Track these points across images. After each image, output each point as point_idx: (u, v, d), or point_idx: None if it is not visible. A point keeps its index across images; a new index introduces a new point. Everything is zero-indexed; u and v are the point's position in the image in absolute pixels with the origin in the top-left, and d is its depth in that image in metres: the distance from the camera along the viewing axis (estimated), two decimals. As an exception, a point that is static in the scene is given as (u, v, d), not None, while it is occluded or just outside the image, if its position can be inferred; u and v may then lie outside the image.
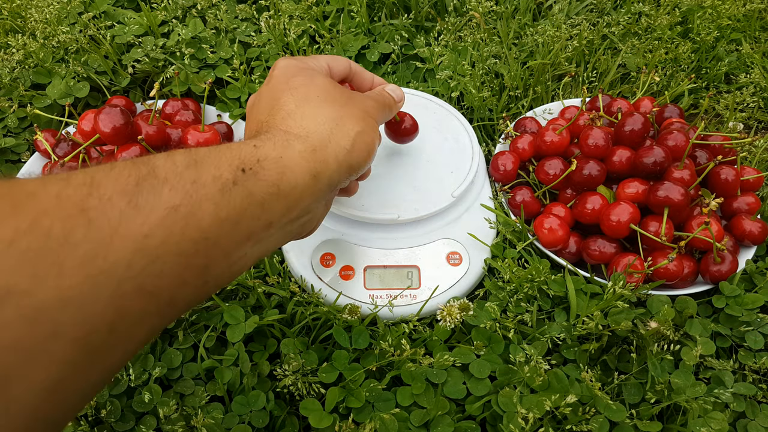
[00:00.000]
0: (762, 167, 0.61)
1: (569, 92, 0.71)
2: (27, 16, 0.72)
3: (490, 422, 0.43)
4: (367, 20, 0.75)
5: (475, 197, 0.56)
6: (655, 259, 0.48)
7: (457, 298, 0.50)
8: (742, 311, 0.47)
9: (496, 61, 0.70)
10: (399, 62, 0.73)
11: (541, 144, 0.56)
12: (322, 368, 0.44)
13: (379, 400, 0.42)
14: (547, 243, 0.52)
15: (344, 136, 0.34)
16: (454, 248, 0.53)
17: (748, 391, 0.43)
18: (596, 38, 0.74)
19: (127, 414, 0.42)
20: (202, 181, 0.25)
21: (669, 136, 0.53)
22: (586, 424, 0.40)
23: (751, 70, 0.72)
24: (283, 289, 0.48)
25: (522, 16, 0.76)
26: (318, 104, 0.35)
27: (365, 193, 0.54)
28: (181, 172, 0.25)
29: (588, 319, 0.45)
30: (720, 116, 0.70)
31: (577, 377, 0.43)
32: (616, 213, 0.49)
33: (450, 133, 0.60)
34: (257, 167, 0.28)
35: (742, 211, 0.53)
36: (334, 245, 0.53)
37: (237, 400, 0.43)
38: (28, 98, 0.65)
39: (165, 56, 0.70)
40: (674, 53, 0.73)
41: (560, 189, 0.56)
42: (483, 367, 0.44)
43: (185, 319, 0.47)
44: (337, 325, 0.46)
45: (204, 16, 0.76)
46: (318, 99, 0.35)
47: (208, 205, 0.25)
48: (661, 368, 0.43)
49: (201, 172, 0.26)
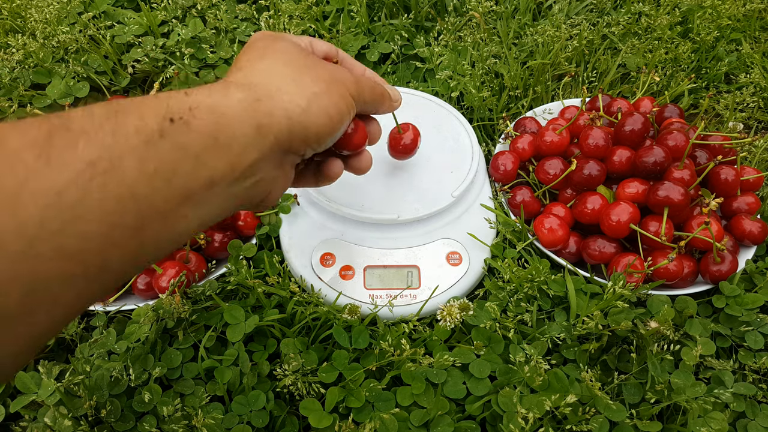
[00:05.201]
0: (762, 167, 0.61)
1: (569, 92, 0.71)
2: (27, 16, 0.72)
3: (490, 422, 0.43)
4: (366, 20, 0.75)
5: (475, 197, 0.56)
6: (655, 259, 0.48)
7: (457, 298, 0.50)
8: (742, 311, 0.47)
9: (496, 61, 0.70)
10: (399, 62, 0.73)
11: (541, 144, 0.56)
12: (322, 368, 0.44)
13: (379, 400, 0.42)
14: (547, 243, 0.52)
15: (298, 93, 0.31)
16: (454, 248, 0.53)
17: (748, 391, 0.43)
18: (596, 38, 0.74)
19: (127, 414, 0.42)
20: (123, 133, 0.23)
21: (669, 136, 0.53)
22: (586, 424, 0.40)
23: (751, 70, 0.72)
24: (283, 289, 0.48)
25: (522, 16, 0.76)
26: (273, 61, 0.32)
27: (365, 193, 0.54)
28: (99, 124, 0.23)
29: (588, 319, 0.45)
30: (720, 116, 0.70)
31: (577, 377, 0.43)
32: (616, 213, 0.49)
33: (450, 133, 0.60)
34: (188, 116, 0.25)
35: (742, 211, 0.53)
36: (334, 245, 0.53)
37: (237, 400, 0.43)
38: (28, 98, 0.65)
39: (165, 56, 0.70)
40: (674, 53, 0.73)
41: (560, 189, 0.56)
42: (483, 367, 0.44)
43: (185, 319, 0.47)
44: (337, 325, 0.46)
45: (204, 16, 0.76)
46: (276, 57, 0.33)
47: (131, 158, 0.23)
48: (661, 368, 0.43)
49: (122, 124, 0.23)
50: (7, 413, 0.42)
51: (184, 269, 0.49)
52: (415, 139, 0.53)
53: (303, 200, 0.56)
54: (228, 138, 0.27)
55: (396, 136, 0.53)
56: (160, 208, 0.24)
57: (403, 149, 0.53)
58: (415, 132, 0.53)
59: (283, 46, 0.34)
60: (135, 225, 0.23)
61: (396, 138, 0.53)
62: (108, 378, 0.43)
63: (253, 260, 0.52)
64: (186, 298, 0.47)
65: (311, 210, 0.55)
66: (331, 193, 0.54)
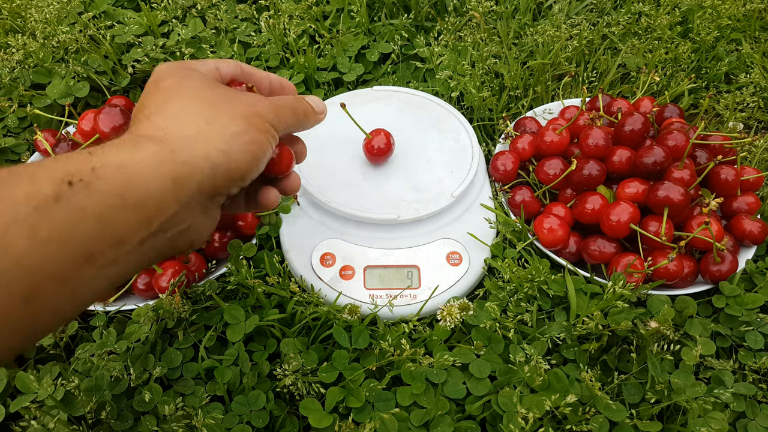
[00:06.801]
0: (762, 167, 0.61)
1: (569, 92, 0.71)
2: (27, 16, 0.72)
3: (490, 422, 0.43)
4: (367, 20, 0.75)
5: (475, 197, 0.56)
6: (655, 259, 0.48)
7: (457, 297, 0.50)
8: (742, 311, 0.47)
9: (496, 61, 0.70)
10: (399, 62, 0.73)
11: (541, 144, 0.56)
12: (322, 368, 0.44)
13: (379, 400, 0.42)
14: (547, 243, 0.52)
15: (217, 135, 0.30)
16: (454, 248, 0.53)
17: (748, 391, 0.43)
18: (596, 38, 0.74)
19: (127, 414, 0.42)
20: (11, 201, 0.22)
21: (669, 136, 0.53)
22: (586, 424, 0.40)
23: (751, 70, 0.72)
24: (283, 289, 0.48)
25: (522, 16, 0.76)
26: (185, 103, 0.31)
27: (365, 193, 0.54)
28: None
29: (588, 319, 0.45)
30: (720, 116, 0.70)
31: (577, 377, 0.43)
32: (616, 213, 0.49)
33: (450, 133, 0.60)
34: (90, 177, 0.24)
35: (742, 211, 0.53)
36: (334, 245, 0.53)
37: (237, 399, 0.43)
38: (28, 98, 0.65)
39: (165, 56, 0.70)
40: (674, 53, 0.73)
41: (560, 189, 0.56)
42: (483, 367, 0.44)
43: (185, 319, 0.47)
44: (337, 325, 0.46)
45: (204, 16, 0.76)
46: (186, 98, 0.31)
47: (18, 228, 0.22)
48: (661, 368, 0.43)
49: (9, 191, 0.22)
50: (7, 413, 0.42)
51: (184, 269, 0.49)
52: (387, 141, 0.55)
53: (303, 200, 0.56)
54: (141, 194, 0.26)
55: (369, 141, 0.55)
56: (56, 274, 0.23)
57: (377, 152, 0.55)
58: (387, 135, 0.55)
59: (191, 84, 0.32)
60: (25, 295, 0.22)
61: (368, 143, 0.55)
62: (108, 378, 0.43)
63: (253, 260, 0.52)
64: (186, 298, 0.47)
65: (311, 210, 0.55)
66: (331, 193, 0.54)
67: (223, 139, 0.30)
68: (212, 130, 0.30)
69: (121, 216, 0.25)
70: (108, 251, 0.25)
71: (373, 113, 0.61)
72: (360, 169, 0.57)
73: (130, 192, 0.25)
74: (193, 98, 0.31)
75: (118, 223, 0.25)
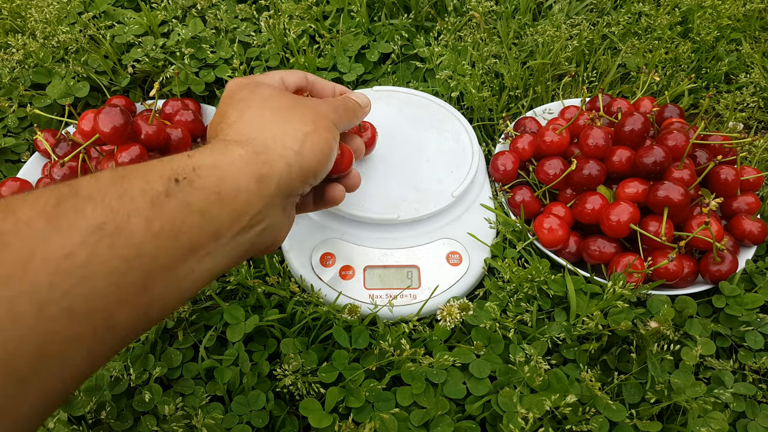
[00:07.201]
0: (762, 167, 0.61)
1: (569, 92, 0.71)
2: (27, 16, 0.72)
3: (490, 422, 0.43)
4: (367, 20, 0.75)
5: (475, 197, 0.56)
6: (655, 259, 0.48)
7: (457, 297, 0.50)
8: (742, 311, 0.47)
9: (496, 61, 0.70)
10: (399, 62, 0.73)
11: (541, 144, 0.56)
12: (322, 368, 0.44)
13: (379, 400, 0.42)
14: (547, 243, 0.52)
15: (290, 137, 0.33)
16: (454, 248, 0.53)
17: (748, 391, 0.43)
18: (596, 38, 0.74)
19: (126, 414, 0.42)
20: (129, 196, 0.24)
21: (669, 136, 0.53)
22: (586, 424, 0.40)
23: (751, 70, 0.72)
24: (283, 289, 0.48)
25: (522, 16, 0.76)
26: (259, 111, 0.34)
27: (365, 193, 0.54)
28: (105, 189, 0.24)
29: (588, 319, 0.45)
30: (720, 116, 0.70)
31: (577, 377, 0.43)
32: (616, 213, 0.49)
33: (450, 133, 0.60)
34: (192, 176, 0.27)
35: (742, 211, 0.53)
36: (334, 245, 0.53)
37: (237, 399, 0.43)
38: (28, 98, 0.65)
39: (165, 56, 0.70)
40: (674, 53, 0.73)
41: (560, 189, 0.56)
42: (483, 367, 0.44)
43: (185, 319, 0.47)
44: (337, 325, 0.46)
45: (204, 15, 0.76)
46: (259, 107, 0.35)
47: (138, 219, 0.24)
48: (661, 368, 0.43)
49: (127, 187, 0.25)
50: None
51: (184, 269, 0.48)
52: (372, 136, 0.56)
53: (303, 200, 0.56)
54: (231, 192, 0.29)
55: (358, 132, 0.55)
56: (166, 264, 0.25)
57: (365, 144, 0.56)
58: (373, 130, 0.56)
59: (262, 93, 0.36)
60: (141, 282, 0.24)
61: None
62: (108, 378, 0.43)
63: (253, 260, 0.52)
64: (186, 298, 0.47)
65: (311, 210, 0.55)
66: (331, 193, 0.54)
67: (296, 140, 0.33)
68: (285, 133, 0.33)
69: (219, 211, 0.28)
70: (208, 244, 0.28)
71: (373, 113, 0.61)
72: (360, 169, 0.57)
73: (224, 189, 0.28)
74: (265, 106, 0.35)
75: (216, 217, 0.28)
